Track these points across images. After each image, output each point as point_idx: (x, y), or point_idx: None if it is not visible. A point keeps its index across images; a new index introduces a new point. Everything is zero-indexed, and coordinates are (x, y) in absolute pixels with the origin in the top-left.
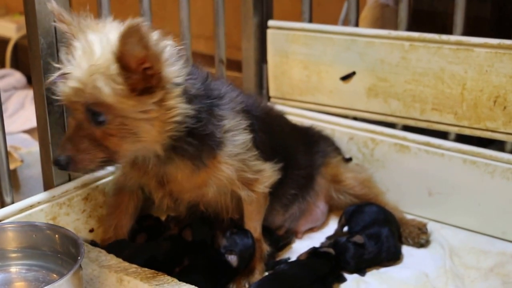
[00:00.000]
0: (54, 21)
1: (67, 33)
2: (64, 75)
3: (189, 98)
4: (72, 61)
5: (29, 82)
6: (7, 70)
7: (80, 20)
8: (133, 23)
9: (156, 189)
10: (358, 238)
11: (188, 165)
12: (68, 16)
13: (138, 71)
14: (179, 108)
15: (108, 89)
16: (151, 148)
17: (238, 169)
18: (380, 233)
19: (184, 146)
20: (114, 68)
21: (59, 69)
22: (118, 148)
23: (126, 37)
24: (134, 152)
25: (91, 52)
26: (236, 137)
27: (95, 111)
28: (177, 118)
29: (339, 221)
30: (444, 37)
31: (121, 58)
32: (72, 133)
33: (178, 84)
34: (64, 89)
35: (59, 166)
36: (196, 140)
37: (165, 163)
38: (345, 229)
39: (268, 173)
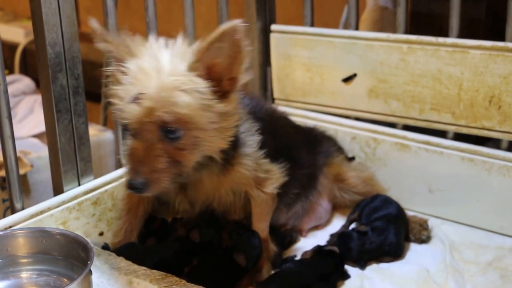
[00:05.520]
0: (97, 42)
1: (109, 52)
2: (136, 97)
3: None
4: (134, 82)
5: (38, 87)
6: (16, 76)
7: (125, 41)
8: (232, 24)
9: (176, 194)
10: (362, 227)
11: (217, 168)
12: (110, 36)
13: (221, 78)
14: (238, 113)
15: (189, 103)
16: (212, 155)
17: (253, 169)
18: (386, 227)
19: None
20: (196, 79)
21: (116, 92)
22: (187, 161)
23: (218, 41)
24: (196, 161)
25: (158, 70)
26: (250, 137)
27: (170, 128)
28: (236, 123)
29: (351, 213)
30: (441, 39)
31: (208, 67)
32: (143, 155)
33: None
34: (134, 111)
35: (135, 190)
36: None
37: (196, 169)
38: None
39: (276, 173)
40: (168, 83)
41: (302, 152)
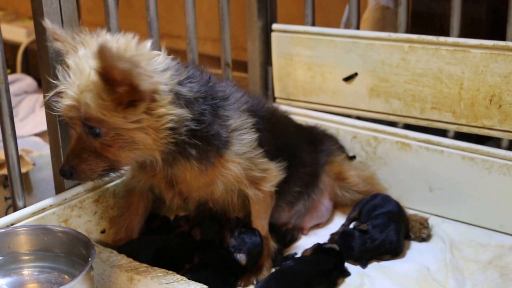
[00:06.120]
0: (49, 41)
1: (61, 50)
2: (60, 93)
3: (187, 102)
4: (66, 78)
5: (40, 86)
6: (18, 75)
7: (74, 36)
8: (101, 42)
9: (166, 190)
10: (363, 226)
11: (194, 165)
12: (62, 33)
13: (120, 86)
14: (172, 114)
15: (96, 105)
16: (150, 154)
17: (245, 168)
18: (387, 224)
19: (188, 148)
20: (99, 84)
21: (56, 86)
22: (117, 157)
23: (100, 55)
24: (134, 159)
25: (82, 69)
26: (243, 136)
27: (90, 125)
28: (171, 124)
29: (351, 212)
30: (442, 39)
31: (102, 74)
32: (74, 145)
33: (169, 91)
34: (61, 106)
35: (63, 176)
36: (200, 141)
37: (172, 165)
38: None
39: (274, 172)
40: (85, 83)
41: (303, 150)
